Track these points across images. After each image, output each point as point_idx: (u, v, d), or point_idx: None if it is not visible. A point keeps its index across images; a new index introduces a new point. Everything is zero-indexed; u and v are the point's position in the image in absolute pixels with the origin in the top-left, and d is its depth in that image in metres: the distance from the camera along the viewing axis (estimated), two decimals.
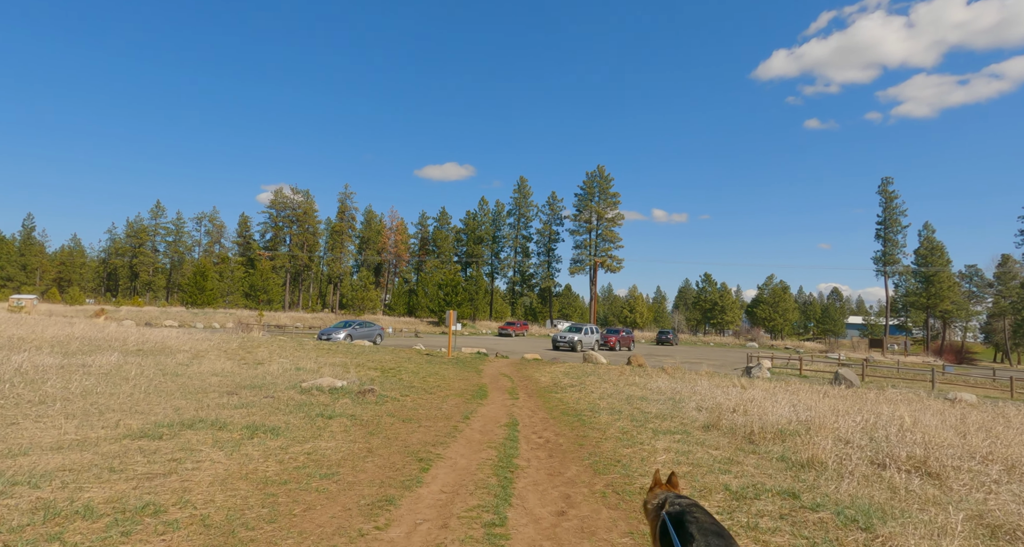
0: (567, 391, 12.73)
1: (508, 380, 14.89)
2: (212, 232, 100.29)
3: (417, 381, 12.82)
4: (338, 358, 16.30)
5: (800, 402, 11.68)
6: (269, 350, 17.17)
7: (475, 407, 9.87)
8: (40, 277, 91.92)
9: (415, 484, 4.86)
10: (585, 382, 14.53)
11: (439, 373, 14.98)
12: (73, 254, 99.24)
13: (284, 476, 4.69)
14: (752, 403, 10.81)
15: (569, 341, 32.46)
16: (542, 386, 13.70)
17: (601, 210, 76.02)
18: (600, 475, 5.61)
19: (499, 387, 13.28)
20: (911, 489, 5.32)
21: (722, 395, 12.81)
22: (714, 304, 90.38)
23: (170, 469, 4.53)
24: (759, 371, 18.67)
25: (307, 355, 16.64)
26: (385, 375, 13.33)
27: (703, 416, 9.48)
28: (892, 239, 73.82)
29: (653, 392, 12.87)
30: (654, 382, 14.92)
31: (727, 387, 14.88)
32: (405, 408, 9.11)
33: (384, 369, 14.60)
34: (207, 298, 58.04)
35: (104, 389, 8.14)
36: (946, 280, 70.46)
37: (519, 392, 12.46)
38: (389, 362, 16.61)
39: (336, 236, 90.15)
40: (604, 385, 13.95)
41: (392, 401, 9.53)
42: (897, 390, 16.39)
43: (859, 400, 13.61)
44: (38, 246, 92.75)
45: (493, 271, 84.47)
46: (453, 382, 13.49)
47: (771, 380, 17.64)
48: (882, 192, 74.97)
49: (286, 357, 15.49)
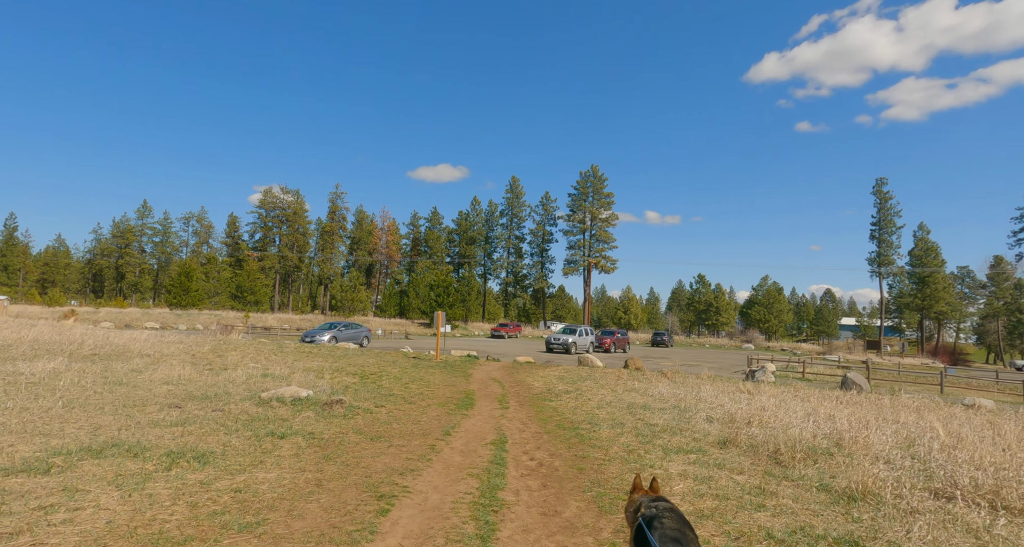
0: (562, 398, 11.61)
1: (498, 386, 13.76)
2: (200, 232, 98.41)
3: (398, 388, 11.66)
4: (315, 362, 15.09)
5: (816, 410, 10.63)
6: (242, 354, 15.94)
7: (459, 420, 8.71)
8: (23, 278, 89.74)
9: (365, 538, 3.69)
10: (581, 388, 13.43)
11: (423, 379, 13.82)
12: (57, 255, 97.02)
13: (188, 530, 3.51)
14: (765, 412, 9.75)
15: (563, 343, 31.34)
16: (535, 393, 12.57)
17: (595, 210, 74.98)
18: (607, 515, 4.48)
19: (488, 394, 12.13)
20: (996, 533, 4.24)
21: (730, 402, 11.75)
22: (709, 305, 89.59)
23: (27, 524, 3.34)
24: (763, 375, 17.65)
25: (283, 359, 15.42)
26: (363, 381, 12.15)
27: (716, 429, 8.38)
28: (887, 240, 73.25)
29: (656, 399, 11.78)
30: (655, 388, 13.84)
31: (733, 393, 13.83)
32: (377, 422, 7.93)
33: (364, 374, 13.41)
34: (192, 299, 56.41)
35: (20, 402, 6.92)
36: (941, 281, 70.03)
37: (509, 400, 11.32)
38: (371, 366, 15.43)
39: (327, 236, 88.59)
40: (602, 391, 12.85)
41: (363, 413, 8.35)
42: (910, 395, 15.41)
43: (875, 407, 12.59)
44: (21, 247, 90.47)
45: (486, 272, 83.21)
46: (438, 389, 12.34)
47: (777, 385, 16.63)
48: (877, 193, 74.45)
49: (259, 361, 14.28)
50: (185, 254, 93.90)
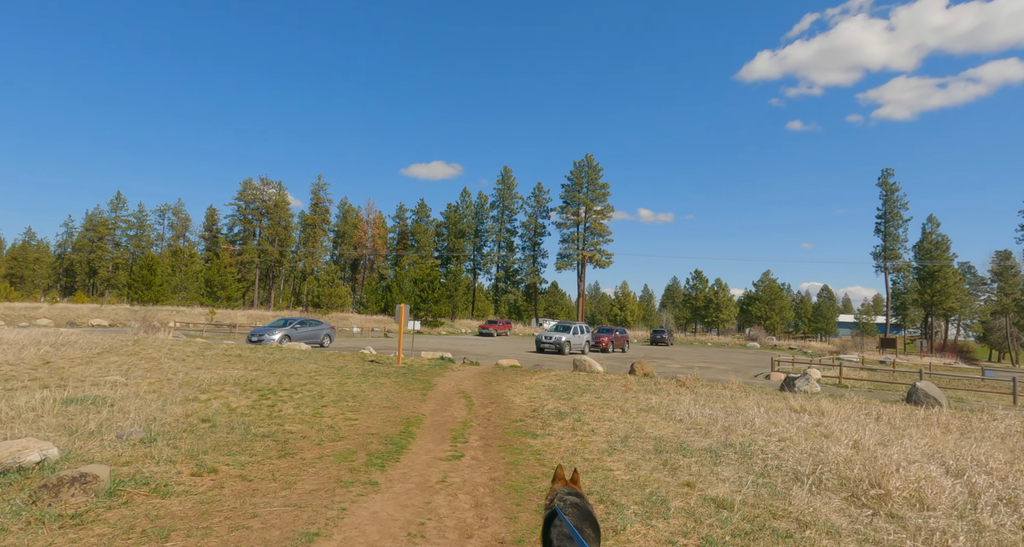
0: (552, 429, 7.87)
1: (464, 404, 10.00)
2: (176, 226, 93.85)
3: (302, 416, 7.87)
4: (219, 371, 11.28)
5: (957, 456, 6.90)
6: (120, 361, 12.12)
7: (353, 498, 4.75)
8: None
9: None
10: (579, 407, 9.72)
11: (359, 396, 10.03)
12: (27, 249, 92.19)
13: None
14: (878, 462, 6.09)
15: (555, 342, 27.61)
16: (513, 418, 8.83)
17: (589, 202, 71.20)
18: None
19: (442, 423, 8.38)
20: None
21: (798, 433, 8.08)
22: (708, 302, 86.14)
23: None
24: (806, 383, 13.99)
25: (181, 367, 11.61)
26: (257, 403, 8.36)
27: (844, 520, 4.65)
28: (893, 233, 70.08)
29: (690, 429, 8.09)
30: (680, 405, 10.16)
31: (785, 413, 10.16)
32: (135, 535, 4.15)
33: (274, 390, 9.61)
34: (155, 294, 52.12)
35: None
36: (951, 276, 66.95)
37: (470, 434, 7.57)
38: (299, 376, 11.64)
39: (309, 230, 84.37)
40: (609, 414, 9.15)
41: (127, 506, 4.13)
42: (1009, 413, 11.82)
43: (993, 436, 8.96)
44: None
45: (476, 267, 79.20)
46: (369, 415, 8.57)
47: (829, 397, 13.00)
48: (882, 184, 71.26)
49: (132, 373, 10.50)
50: (160, 249, 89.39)
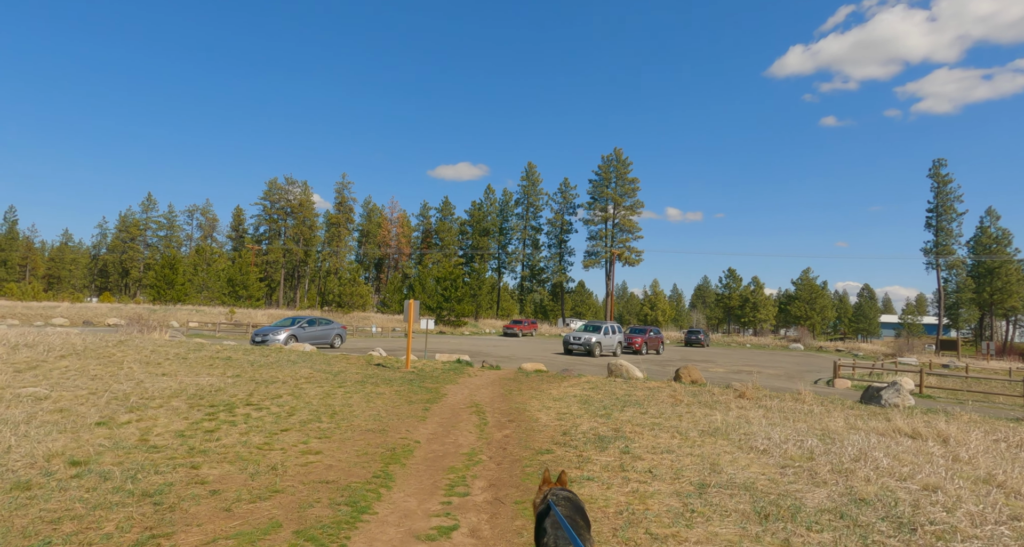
0: (592, 470, 5.68)
1: (474, 422, 7.92)
2: (204, 226, 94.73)
3: (245, 448, 5.88)
4: (183, 379, 9.46)
5: None
6: (82, 366, 10.47)
7: None
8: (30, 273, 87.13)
9: None
10: (623, 428, 7.52)
11: (343, 412, 8.03)
12: (64, 250, 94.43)
13: None
14: None
15: (585, 343, 25.33)
16: (537, 447, 6.68)
17: (618, 197, 68.36)
18: None
19: (439, 456, 6.30)
20: None
21: (937, 471, 5.79)
22: (744, 301, 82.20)
23: None
24: (897, 396, 11.44)
25: (137, 373, 9.88)
26: (192, 428, 6.40)
27: None
28: (946, 228, 65.09)
29: (784, 465, 5.80)
30: (751, 425, 7.87)
31: (890, 435, 7.76)
32: None
33: (228, 407, 7.69)
34: (177, 294, 51.77)
35: None
36: (1014, 273, 61.81)
37: (475, 478, 5.45)
38: (283, 386, 9.74)
39: (334, 229, 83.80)
40: (664, 439, 6.93)
41: None
42: None
43: None
44: (22, 241, 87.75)
45: (500, 266, 77.14)
46: (345, 441, 6.55)
47: (935, 414, 10.47)
48: (934, 176, 66.34)
49: (66, 383, 8.78)
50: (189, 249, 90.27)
